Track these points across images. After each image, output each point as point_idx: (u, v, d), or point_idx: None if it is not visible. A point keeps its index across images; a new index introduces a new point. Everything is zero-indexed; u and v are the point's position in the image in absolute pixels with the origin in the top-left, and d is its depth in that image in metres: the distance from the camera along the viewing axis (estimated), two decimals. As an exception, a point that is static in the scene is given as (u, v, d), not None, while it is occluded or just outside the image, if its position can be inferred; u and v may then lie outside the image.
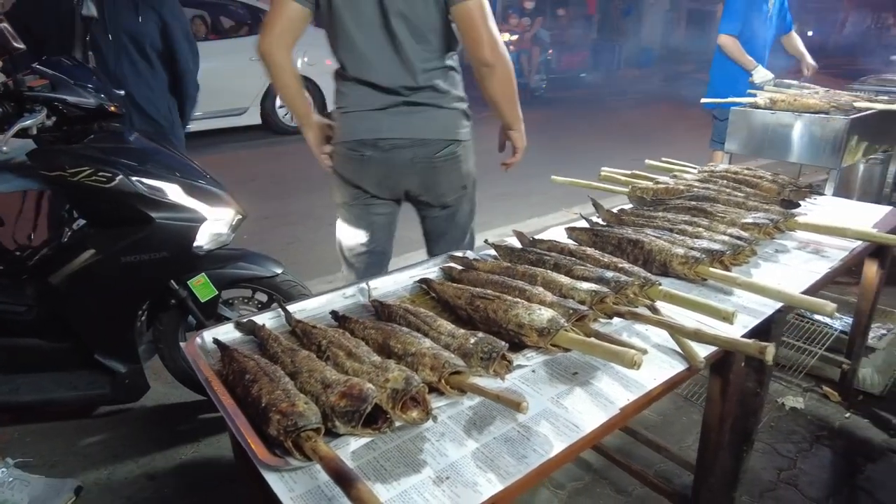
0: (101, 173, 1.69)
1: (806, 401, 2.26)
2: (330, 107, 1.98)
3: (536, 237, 1.64)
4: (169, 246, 1.82)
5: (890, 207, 2.07)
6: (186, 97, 2.81)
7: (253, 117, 7.27)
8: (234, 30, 7.84)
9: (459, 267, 1.46)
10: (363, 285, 1.35)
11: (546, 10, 13.17)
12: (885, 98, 3.76)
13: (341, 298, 1.34)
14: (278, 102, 7.31)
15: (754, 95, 3.42)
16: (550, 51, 11.53)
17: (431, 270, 1.48)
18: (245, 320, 1.25)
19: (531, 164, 2.88)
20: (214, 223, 1.92)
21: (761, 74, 3.70)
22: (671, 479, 1.82)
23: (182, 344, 1.18)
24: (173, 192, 1.81)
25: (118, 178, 1.70)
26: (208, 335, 1.20)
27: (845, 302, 2.56)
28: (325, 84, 7.47)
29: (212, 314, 2.03)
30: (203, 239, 1.91)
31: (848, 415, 2.19)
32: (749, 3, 3.78)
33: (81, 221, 1.95)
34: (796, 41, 4.04)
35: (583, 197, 2.00)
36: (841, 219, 1.90)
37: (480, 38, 1.58)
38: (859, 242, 1.71)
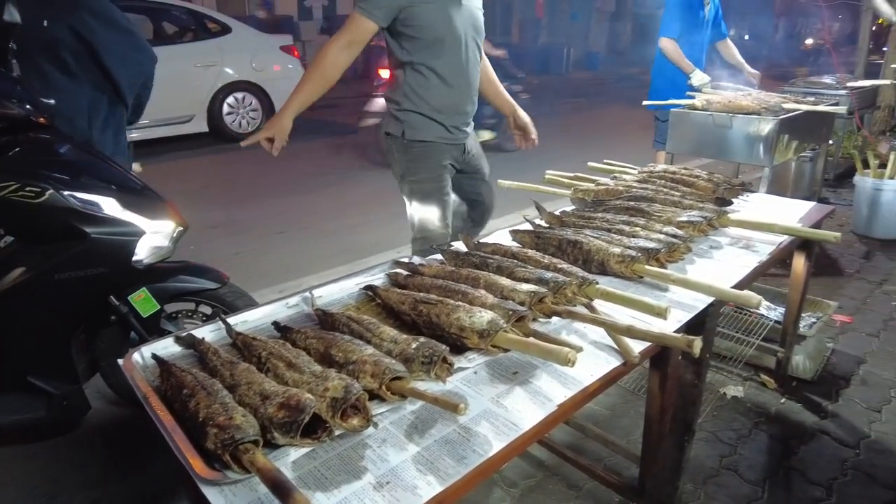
0: (28, 188, 1.62)
1: (746, 389, 2.36)
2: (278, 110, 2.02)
3: (481, 240, 1.67)
4: (106, 261, 1.77)
5: (814, 203, 2.19)
6: (129, 104, 2.46)
7: (199, 125, 7.09)
8: (178, 35, 7.65)
9: (405, 272, 1.47)
10: (307, 294, 1.35)
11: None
12: (812, 99, 3.97)
13: (284, 308, 1.33)
14: (226, 109, 7.16)
15: (693, 97, 3.56)
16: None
17: (377, 276, 1.48)
18: (185, 334, 1.23)
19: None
20: (154, 236, 1.87)
21: (698, 77, 3.85)
22: (620, 471, 1.87)
23: (119, 360, 1.15)
24: (109, 205, 1.75)
25: (48, 192, 1.64)
26: (147, 350, 1.17)
27: (779, 293, 2.68)
28: (271, 89, 7.38)
29: (154, 329, 1.97)
30: (143, 252, 1.86)
31: (783, 400, 2.30)
32: (687, 9, 3.94)
33: (10, 238, 1.87)
34: (732, 49, 4.22)
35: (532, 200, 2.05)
36: (770, 215, 2.00)
37: None
38: (787, 237, 1.80)
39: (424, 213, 2.26)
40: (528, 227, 1.78)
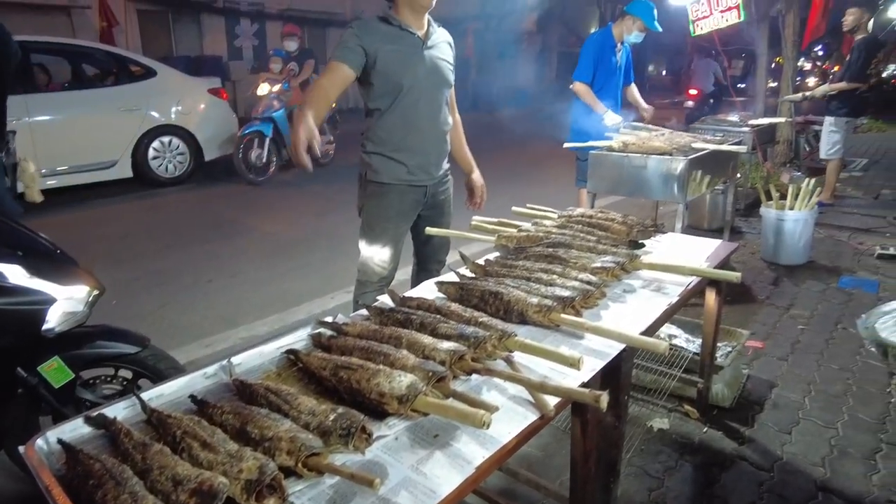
0: (-80, 260, 1.53)
1: (671, 421, 2.46)
2: (207, 154, 2.00)
3: (406, 294, 1.70)
4: (12, 333, 1.67)
5: (720, 241, 2.35)
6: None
7: (123, 170, 6.85)
8: (99, 78, 7.43)
9: (329, 332, 1.47)
10: (225, 363, 1.32)
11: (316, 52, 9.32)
12: (719, 138, 4.28)
13: (203, 379, 1.30)
14: (151, 153, 6.96)
15: (611, 138, 3.76)
16: (335, 103, 7.88)
17: (301, 338, 1.47)
18: (95, 414, 1.18)
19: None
20: (67, 302, 1.79)
21: (611, 118, 4.08)
22: (553, 514, 1.90)
23: (20, 448, 1.09)
24: (14, 273, 1.67)
25: (-57, 263, 1.55)
26: (52, 435, 1.12)
27: (698, 325, 2.83)
28: (199, 132, 7.25)
29: (68, 399, 1.87)
30: (54, 320, 1.77)
31: (706, 429, 2.41)
32: (599, 55, 4.19)
33: None
34: (634, 92, 4.54)
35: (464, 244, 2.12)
36: (681, 255, 2.13)
37: None
38: (695, 277, 1.92)
39: (366, 251, 2.48)
40: (453, 277, 1.82)
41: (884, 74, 5.38)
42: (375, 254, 2.46)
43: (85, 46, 7.47)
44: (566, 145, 3.97)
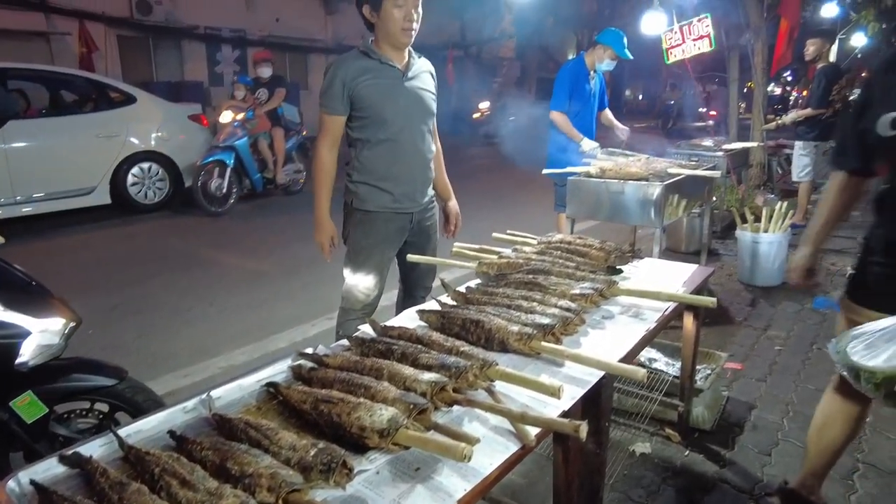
0: None
1: (653, 445, 2.47)
2: (187, 181, 2.03)
3: (387, 323, 1.70)
4: (-17, 368, 1.64)
5: (696, 266, 2.39)
6: None
7: (102, 196, 6.77)
8: (78, 104, 7.38)
9: (309, 364, 1.46)
10: (204, 396, 1.31)
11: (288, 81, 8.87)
12: (694, 162, 4.38)
13: (182, 414, 1.28)
14: (131, 180, 6.90)
15: (589, 164, 3.83)
16: (305, 131, 8.23)
17: (280, 371, 1.47)
18: (70, 452, 1.16)
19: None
20: (41, 335, 1.76)
21: (588, 144, 4.16)
22: (537, 542, 1.89)
23: (-9, 490, 1.07)
24: (-13, 307, 1.64)
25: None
26: (24, 476, 1.09)
27: (677, 348, 2.86)
28: (179, 158, 7.21)
29: (41, 434, 1.83)
30: (28, 353, 1.74)
31: (687, 453, 2.43)
32: (574, 84, 4.29)
33: None
34: (609, 116, 4.65)
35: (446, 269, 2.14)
36: (658, 280, 2.17)
37: None
38: (672, 302, 1.95)
39: (351, 278, 2.49)
40: (435, 305, 1.83)
41: (850, 99, 5.56)
42: (360, 281, 2.47)
43: (64, 73, 7.45)
44: (545, 171, 4.04)
